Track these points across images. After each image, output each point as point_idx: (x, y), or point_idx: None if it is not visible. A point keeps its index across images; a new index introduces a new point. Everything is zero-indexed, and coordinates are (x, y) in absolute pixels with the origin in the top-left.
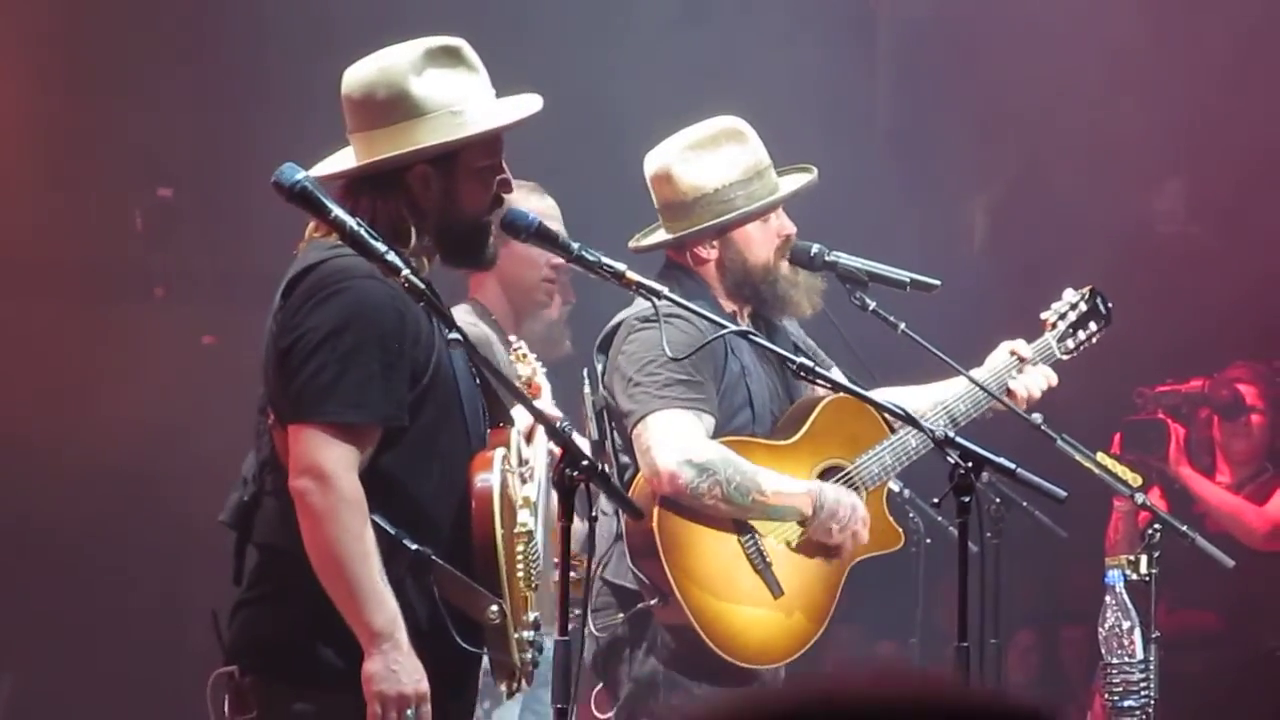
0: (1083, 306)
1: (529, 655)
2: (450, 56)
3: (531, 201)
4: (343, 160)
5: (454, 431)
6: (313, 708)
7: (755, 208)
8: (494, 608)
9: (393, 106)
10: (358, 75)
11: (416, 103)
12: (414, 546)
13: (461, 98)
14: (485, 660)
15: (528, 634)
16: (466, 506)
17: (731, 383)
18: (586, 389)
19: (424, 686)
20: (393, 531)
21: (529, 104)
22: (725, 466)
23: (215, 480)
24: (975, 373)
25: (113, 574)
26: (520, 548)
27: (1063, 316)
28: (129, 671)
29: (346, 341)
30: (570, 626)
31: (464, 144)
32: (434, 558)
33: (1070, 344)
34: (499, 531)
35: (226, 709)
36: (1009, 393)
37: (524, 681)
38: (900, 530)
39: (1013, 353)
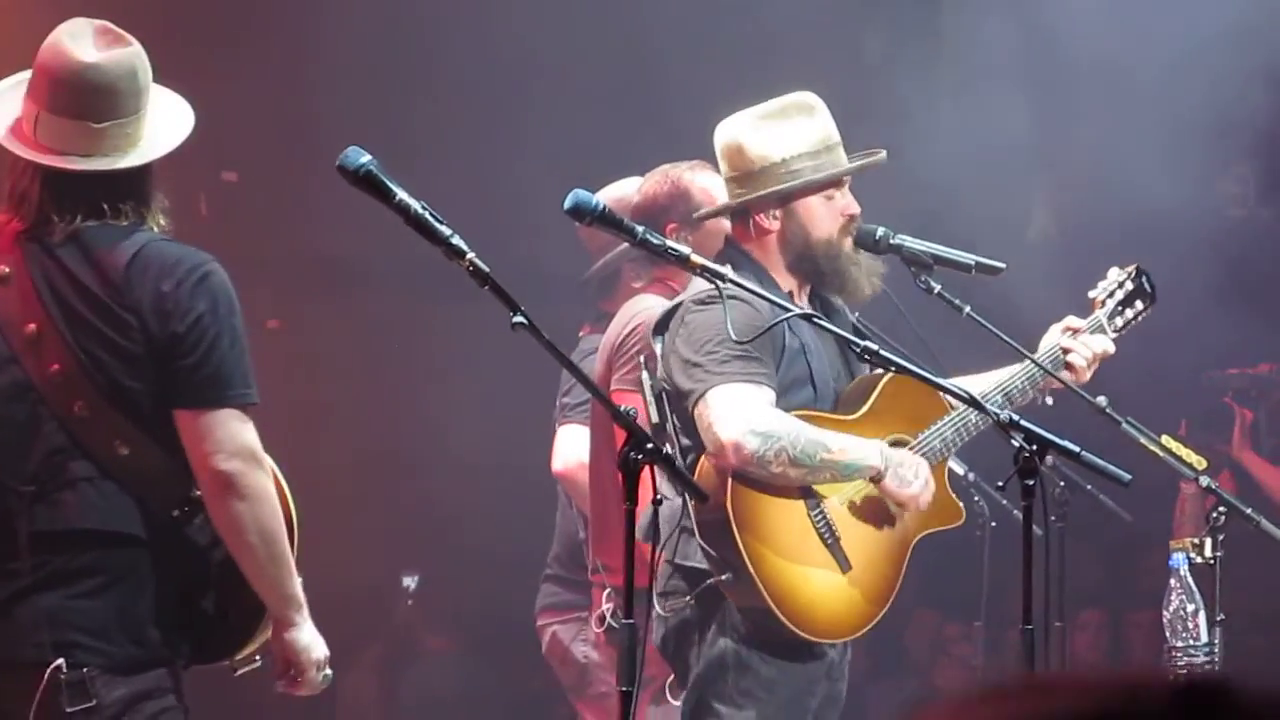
0: (1129, 285)
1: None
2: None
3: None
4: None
5: None
6: (149, 688)
7: (820, 177)
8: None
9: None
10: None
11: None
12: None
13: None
14: None
15: None
16: None
17: (790, 359)
18: (644, 374)
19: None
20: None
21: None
22: (789, 431)
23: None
24: (1009, 368)
25: None
26: None
27: (1111, 295)
28: None
29: (237, 324)
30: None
31: None
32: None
33: (1119, 322)
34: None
35: (64, 702)
36: (1069, 367)
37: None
38: (962, 506)
39: (1066, 328)
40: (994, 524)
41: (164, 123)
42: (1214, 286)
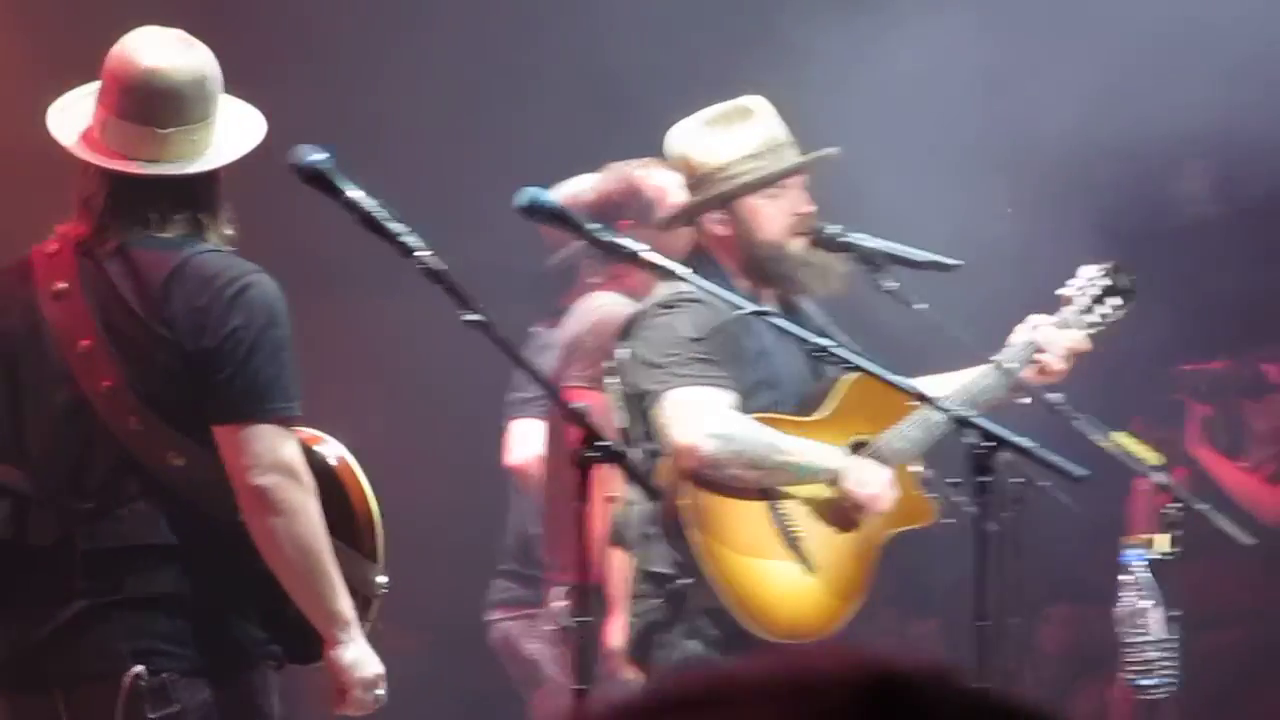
0: (1104, 281)
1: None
2: None
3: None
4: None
5: None
6: (235, 691)
7: (754, 179)
8: (381, 578)
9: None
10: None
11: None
12: None
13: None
14: None
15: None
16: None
17: (753, 361)
18: (610, 378)
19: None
20: None
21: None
22: (745, 434)
23: None
24: (998, 356)
25: None
26: None
27: (1082, 291)
28: None
29: (278, 336)
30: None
31: None
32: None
33: (1092, 318)
34: (371, 497)
35: (146, 709)
36: (1041, 365)
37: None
38: (932, 505)
39: (1036, 326)
40: (952, 520)
41: (233, 131)
42: (1168, 280)
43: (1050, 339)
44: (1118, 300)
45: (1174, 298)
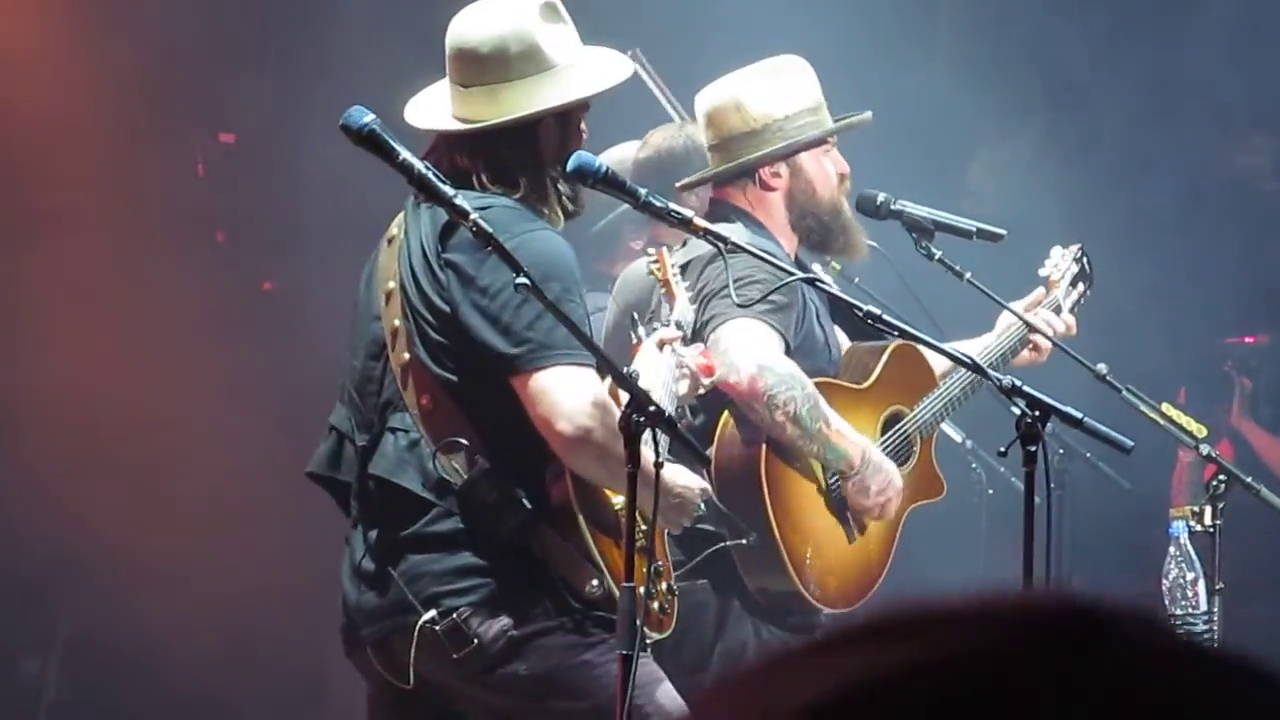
0: (1075, 267)
1: (656, 605)
2: (554, 11)
3: (631, 151)
4: (439, 109)
5: None
6: (531, 628)
7: (820, 131)
8: (594, 581)
9: (526, 60)
10: (482, 28)
11: (546, 57)
12: (528, 506)
13: (574, 52)
14: None
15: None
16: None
17: (811, 323)
18: (642, 331)
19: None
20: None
21: (624, 62)
22: (803, 388)
23: (278, 421)
24: (985, 338)
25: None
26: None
27: (1062, 273)
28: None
29: (554, 290)
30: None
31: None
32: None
33: (1069, 302)
34: (573, 494)
35: (449, 648)
36: (1034, 346)
37: (658, 630)
38: (943, 480)
39: (1030, 306)
40: (991, 491)
41: (546, 91)
42: (1215, 255)
43: (1049, 321)
44: (1082, 287)
45: (1221, 271)
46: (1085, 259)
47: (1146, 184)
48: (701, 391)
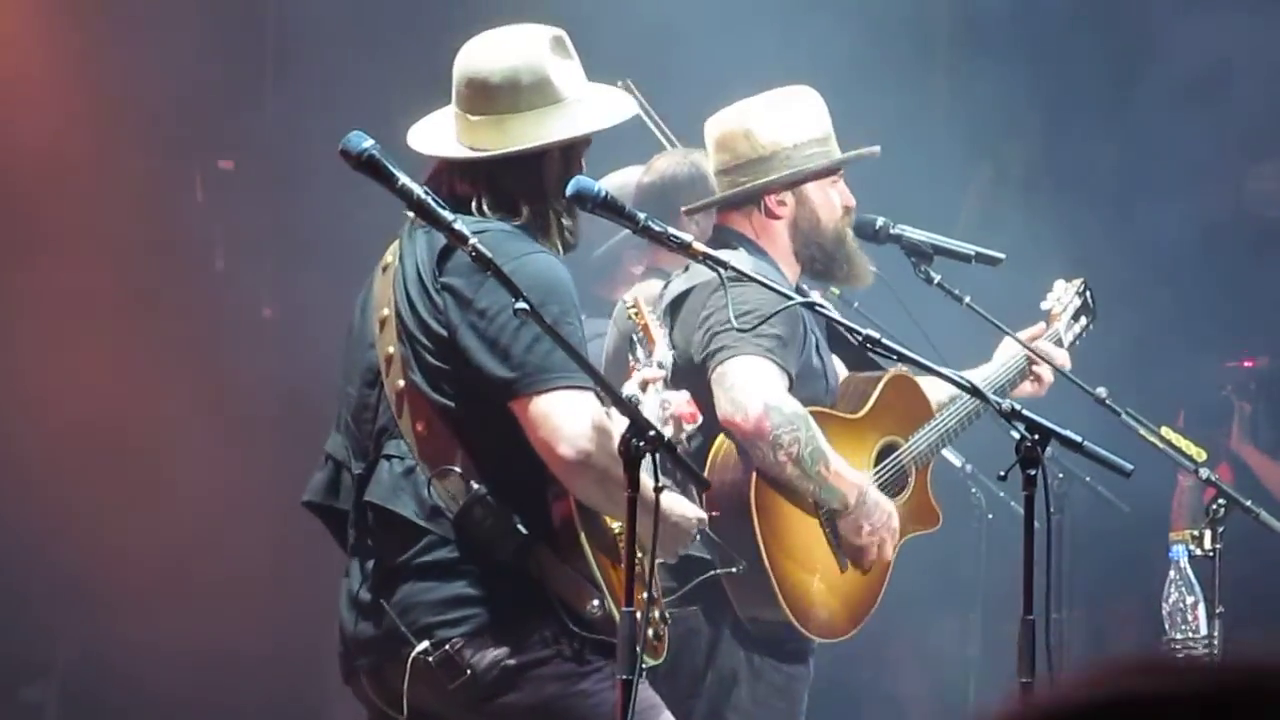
0: (1077, 300)
1: (650, 631)
2: (563, 46)
3: (632, 176)
4: (444, 135)
5: None
6: (525, 658)
7: (828, 162)
8: (595, 602)
9: (536, 93)
10: (494, 59)
11: (555, 90)
12: (524, 531)
13: (581, 87)
14: None
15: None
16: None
17: (810, 351)
18: (641, 353)
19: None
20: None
21: (628, 100)
22: (807, 429)
23: (275, 449)
24: (984, 369)
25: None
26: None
27: (1063, 306)
28: None
29: (551, 313)
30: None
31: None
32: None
33: (1069, 337)
34: (576, 514)
35: (443, 679)
36: (1035, 377)
37: (653, 656)
38: (939, 511)
39: (1032, 338)
40: (991, 515)
41: (553, 124)
42: (1213, 279)
43: (1049, 353)
44: (1084, 321)
45: (1221, 295)
46: (1088, 293)
47: (1147, 210)
48: (683, 437)
